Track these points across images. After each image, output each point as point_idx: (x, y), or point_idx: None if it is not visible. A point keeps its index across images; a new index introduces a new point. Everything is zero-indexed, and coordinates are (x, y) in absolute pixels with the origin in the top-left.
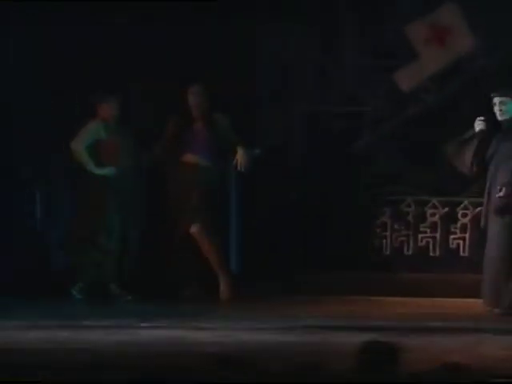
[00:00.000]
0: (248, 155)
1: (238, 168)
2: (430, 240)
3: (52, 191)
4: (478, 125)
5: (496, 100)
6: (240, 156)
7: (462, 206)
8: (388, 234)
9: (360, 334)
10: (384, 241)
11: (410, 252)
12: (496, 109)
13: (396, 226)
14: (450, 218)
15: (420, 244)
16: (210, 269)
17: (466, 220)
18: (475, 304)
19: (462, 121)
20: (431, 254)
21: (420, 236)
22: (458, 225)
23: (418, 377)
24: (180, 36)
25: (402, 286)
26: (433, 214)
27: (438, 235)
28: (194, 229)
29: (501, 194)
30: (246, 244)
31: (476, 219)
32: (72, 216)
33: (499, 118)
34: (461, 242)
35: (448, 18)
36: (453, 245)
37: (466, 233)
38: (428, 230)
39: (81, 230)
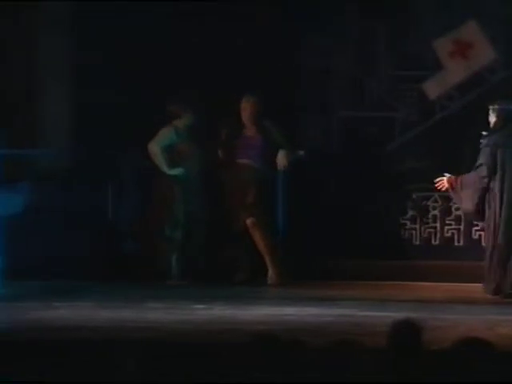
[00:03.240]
0: (287, 157)
1: (278, 168)
2: (455, 231)
3: (123, 187)
4: None
5: None
6: (280, 157)
7: None
8: (417, 226)
9: (391, 315)
10: (414, 232)
11: (438, 242)
12: None
13: (424, 219)
14: None
15: (446, 235)
16: (259, 257)
17: None
18: None
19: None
20: (456, 243)
21: (446, 228)
22: None
23: (445, 353)
24: (230, 48)
25: (430, 273)
26: (457, 209)
27: (461, 227)
28: (249, 222)
29: None
30: (290, 232)
31: None
32: (140, 210)
33: None
34: (482, 233)
35: (470, 34)
36: (475, 236)
37: None
38: (453, 223)
39: (150, 222)
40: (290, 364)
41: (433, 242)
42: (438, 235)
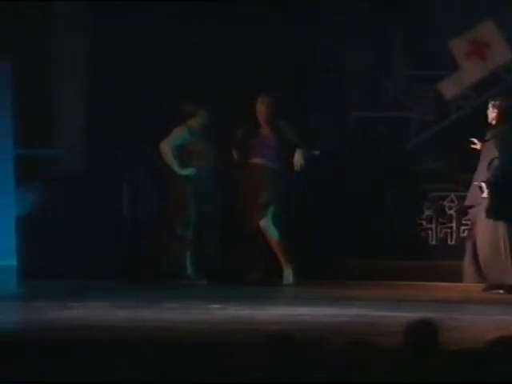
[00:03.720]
0: (304, 157)
1: (295, 168)
2: None
3: (137, 187)
4: None
5: None
6: (297, 157)
7: None
8: (433, 226)
9: (407, 315)
10: (430, 232)
11: (454, 242)
12: None
13: (440, 219)
14: None
15: (462, 235)
16: (273, 257)
17: None
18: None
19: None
20: None
21: (462, 228)
22: None
23: (461, 353)
24: (240, 47)
25: (446, 273)
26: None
27: None
28: (262, 222)
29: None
30: (306, 231)
31: None
32: (154, 209)
33: None
34: None
35: (487, 34)
36: None
37: None
38: (469, 223)
39: (163, 221)
40: (304, 364)
41: (449, 241)
42: (454, 235)
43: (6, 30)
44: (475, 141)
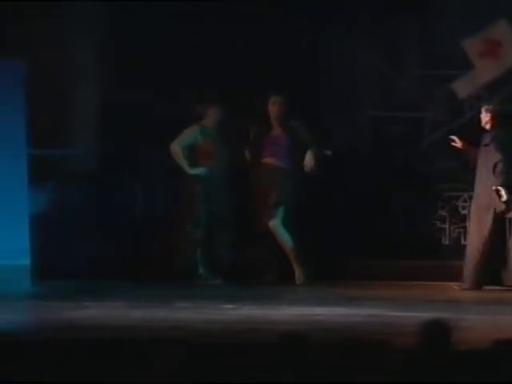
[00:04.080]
0: (315, 158)
1: (305, 169)
2: None
3: (150, 187)
4: None
5: None
6: (307, 158)
7: None
8: (446, 226)
9: (421, 315)
10: (443, 232)
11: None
12: None
13: (454, 219)
14: None
15: None
16: (286, 257)
17: None
18: None
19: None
20: None
21: None
22: None
23: (475, 353)
24: (251, 46)
25: (459, 273)
26: None
27: None
28: (271, 223)
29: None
30: (310, 232)
31: None
32: (165, 209)
33: None
34: None
35: (500, 34)
36: None
37: None
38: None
39: (174, 221)
40: (317, 364)
41: (462, 241)
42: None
43: (19, 29)
44: (456, 139)
